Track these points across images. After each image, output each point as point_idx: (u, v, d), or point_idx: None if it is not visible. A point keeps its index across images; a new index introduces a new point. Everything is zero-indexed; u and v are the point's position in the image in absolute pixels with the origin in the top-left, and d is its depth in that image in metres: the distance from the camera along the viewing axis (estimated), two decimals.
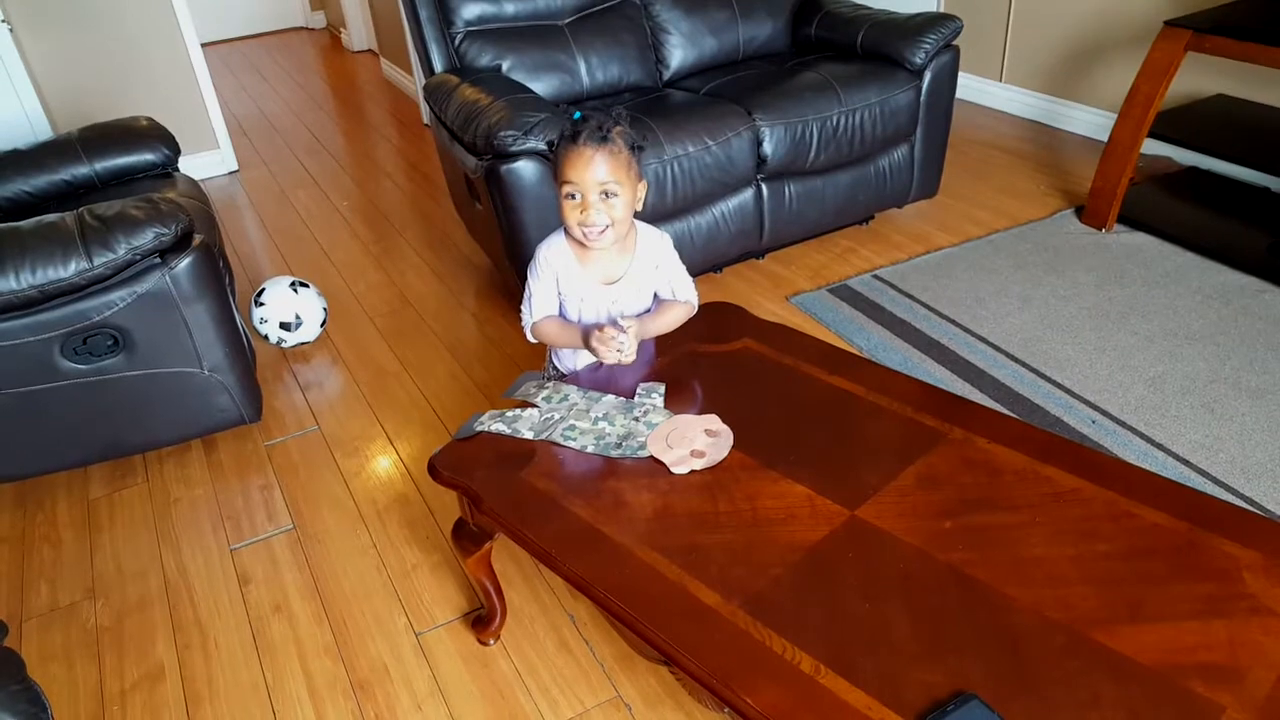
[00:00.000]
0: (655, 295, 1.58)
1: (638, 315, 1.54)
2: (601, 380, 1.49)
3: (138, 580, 1.75)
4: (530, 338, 1.56)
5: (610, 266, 1.50)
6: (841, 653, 1.00)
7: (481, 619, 1.58)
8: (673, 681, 1.46)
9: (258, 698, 1.51)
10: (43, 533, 1.89)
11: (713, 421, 1.36)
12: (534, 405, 1.43)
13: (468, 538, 1.44)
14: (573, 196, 1.39)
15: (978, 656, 0.99)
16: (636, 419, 1.38)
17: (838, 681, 0.97)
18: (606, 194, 1.38)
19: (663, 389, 1.44)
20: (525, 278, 1.55)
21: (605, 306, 1.52)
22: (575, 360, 1.61)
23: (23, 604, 1.72)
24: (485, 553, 1.45)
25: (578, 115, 1.43)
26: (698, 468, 1.28)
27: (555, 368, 1.66)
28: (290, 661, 1.56)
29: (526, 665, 1.52)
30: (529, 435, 1.37)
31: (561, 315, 1.56)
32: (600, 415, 1.39)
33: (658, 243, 1.54)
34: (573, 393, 1.46)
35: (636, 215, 1.49)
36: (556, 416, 1.40)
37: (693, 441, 1.32)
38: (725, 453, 1.30)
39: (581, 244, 1.45)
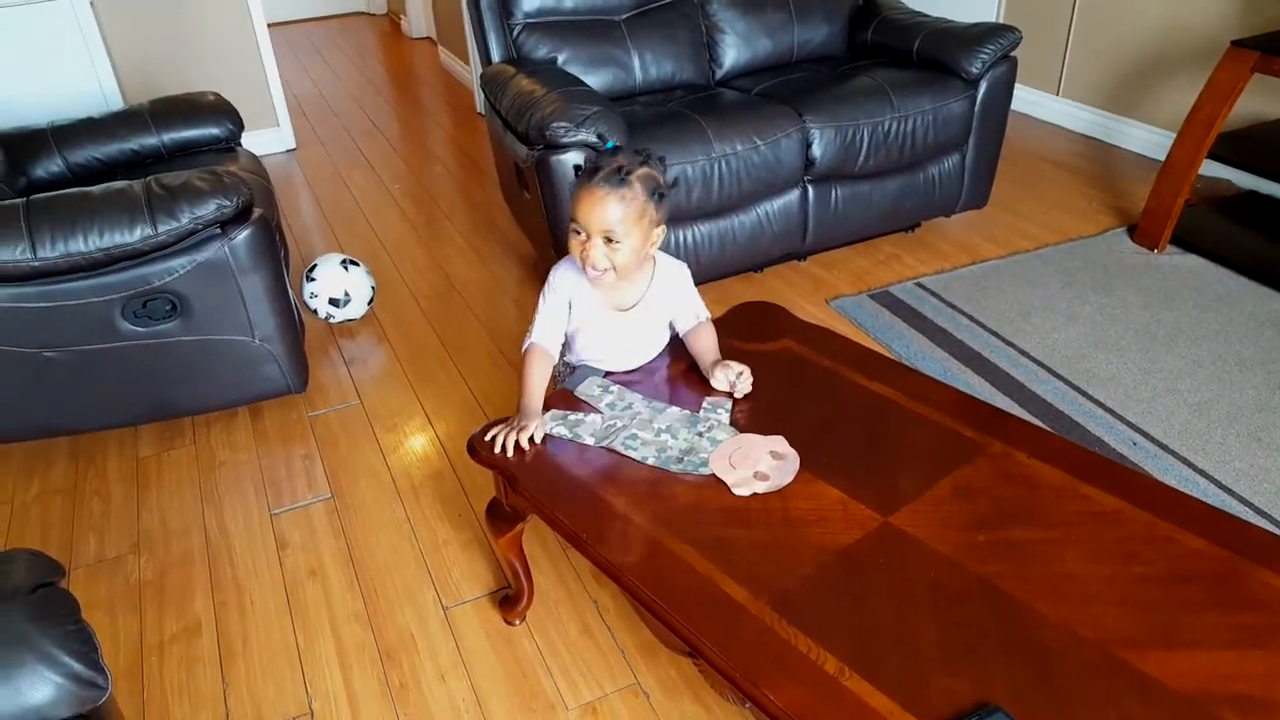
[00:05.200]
0: (672, 327, 1.55)
1: (651, 362, 1.52)
2: (663, 389, 1.47)
3: (181, 538, 1.82)
4: (522, 351, 1.51)
5: (624, 295, 1.47)
6: (866, 656, 1.00)
7: (508, 598, 1.61)
8: (692, 673, 1.47)
9: (288, 657, 1.55)
10: (94, 487, 1.97)
11: (779, 443, 1.32)
12: (596, 410, 1.42)
13: (501, 518, 1.47)
14: (578, 233, 1.37)
15: (1004, 669, 0.98)
16: (700, 434, 1.35)
17: (861, 684, 0.98)
18: (610, 239, 1.34)
19: (729, 404, 1.41)
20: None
21: (614, 333, 1.49)
22: (586, 356, 1.56)
23: (71, 553, 1.79)
24: (517, 534, 1.48)
25: (610, 145, 1.38)
26: (760, 491, 1.23)
27: (567, 364, 1.62)
28: (321, 625, 1.61)
29: (549, 646, 1.54)
30: (590, 441, 1.36)
31: (569, 343, 1.54)
32: (663, 427, 1.37)
33: (675, 274, 1.50)
34: (637, 401, 1.43)
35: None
36: (619, 424, 1.38)
37: (757, 463, 1.28)
38: (790, 477, 1.25)
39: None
